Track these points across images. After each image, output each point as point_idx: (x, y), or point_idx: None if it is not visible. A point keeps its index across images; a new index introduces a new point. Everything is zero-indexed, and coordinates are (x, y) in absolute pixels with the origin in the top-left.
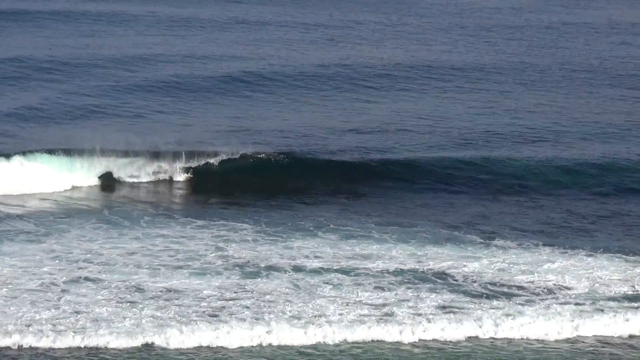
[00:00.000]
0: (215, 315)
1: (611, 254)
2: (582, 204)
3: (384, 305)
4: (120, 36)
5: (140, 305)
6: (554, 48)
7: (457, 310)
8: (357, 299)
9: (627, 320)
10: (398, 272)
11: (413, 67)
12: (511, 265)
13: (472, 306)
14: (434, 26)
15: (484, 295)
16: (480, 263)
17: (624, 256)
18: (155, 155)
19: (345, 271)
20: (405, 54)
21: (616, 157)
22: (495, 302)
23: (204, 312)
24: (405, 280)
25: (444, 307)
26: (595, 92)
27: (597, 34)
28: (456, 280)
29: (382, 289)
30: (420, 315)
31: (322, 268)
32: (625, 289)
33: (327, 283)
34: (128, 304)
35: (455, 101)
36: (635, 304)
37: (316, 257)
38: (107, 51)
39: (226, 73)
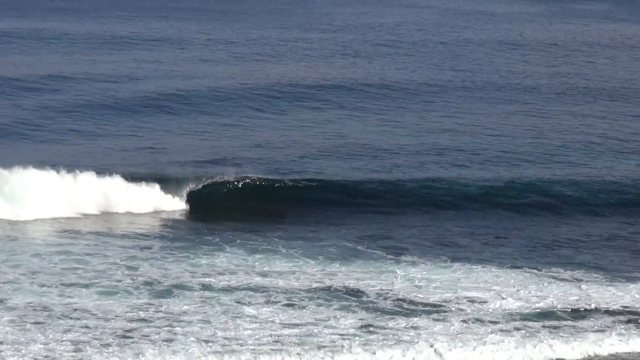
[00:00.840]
0: (127, 337)
1: (519, 269)
2: (489, 219)
3: (300, 325)
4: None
5: (48, 328)
6: (455, 64)
7: (379, 330)
8: (271, 319)
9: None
10: (310, 290)
11: (318, 85)
12: (424, 282)
13: (394, 325)
14: (337, 42)
15: (402, 313)
16: (392, 280)
17: (531, 270)
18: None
19: (255, 288)
20: (310, 71)
21: (522, 174)
22: (415, 320)
23: (114, 333)
24: (318, 298)
25: (364, 327)
26: (494, 107)
27: (499, 50)
28: (369, 297)
29: (296, 307)
30: (342, 336)
31: (231, 286)
32: (540, 305)
33: (239, 302)
34: (34, 325)
35: (359, 118)
36: (551, 322)
37: (225, 274)
38: (26, 70)
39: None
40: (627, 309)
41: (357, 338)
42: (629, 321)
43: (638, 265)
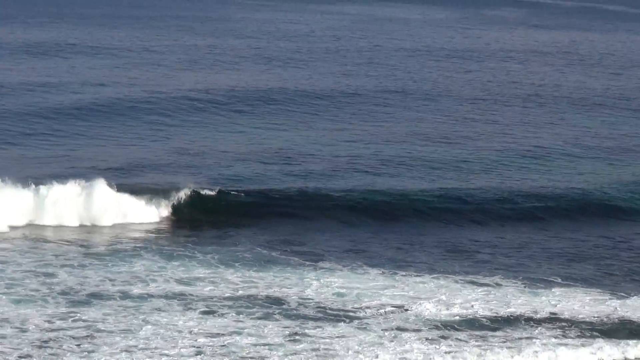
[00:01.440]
0: (44, 347)
1: (437, 275)
2: (403, 226)
3: (223, 334)
4: None
5: None
6: (369, 71)
7: (305, 339)
8: (192, 328)
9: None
10: (231, 298)
11: (232, 92)
12: (344, 289)
13: (319, 334)
14: (251, 49)
15: (326, 321)
16: (311, 287)
17: (450, 276)
18: None
19: (174, 296)
20: (224, 78)
21: (436, 180)
22: (340, 329)
23: (31, 343)
24: (239, 306)
25: (289, 336)
26: (408, 113)
27: (414, 56)
28: (291, 305)
29: (217, 315)
30: (268, 345)
31: (151, 294)
32: (462, 311)
33: (158, 310)
34: None
35: (274, 125)
36: (476, 331)
37: (144, 281)
38: None
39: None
40: (552, 316)
41: (282, 348)
42: (553, 329)
43: (553, 269)
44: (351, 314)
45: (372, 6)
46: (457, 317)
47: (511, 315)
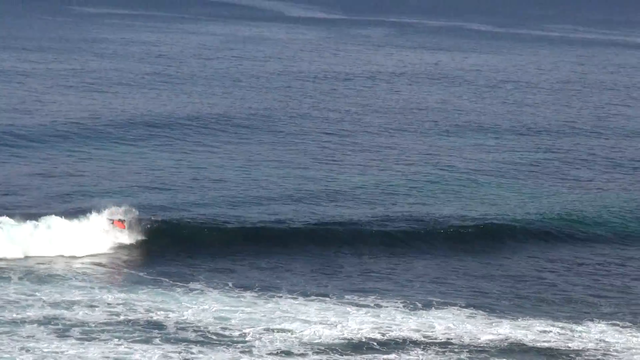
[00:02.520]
0: None
1: (319, 298)
2: (282, 247)
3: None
4: None
5: None
6: (231, 93)
7: None
8: (72, 355)
9: None
10: (108, 323)
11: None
12: (223, 312)
13: (202, 357)
14: (113, 71)
15: (207, 345)
16: (187, 310)
17: (328, 299)
18: None
19: (44, 322)
20: (81, 105)
21: (313, 207)
22: (222, 354)
23: None
24: (115, 330)
25: None
26: (274, 138)
27: (279, 78)
28: (169, 329)
29: (97, 341)
30: None
31: (24, 319)
32: (345, 334)
33: (29, 337)
34: None
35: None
36: (363, 354)
37: (17, 305)
38: None
39: None
40: (434, 340)
41: None
42: (444, 351)
43: (433, 291)
44: (233, 338)
45: (239, 25)
46: (342, 340)
47: (397, 338)
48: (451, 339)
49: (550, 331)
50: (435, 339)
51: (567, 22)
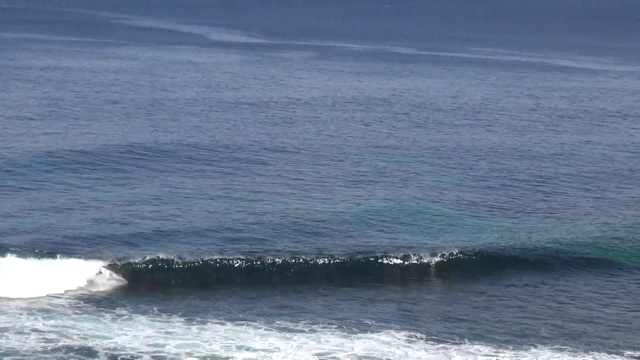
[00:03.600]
0: None
1: (247, 323)
2: (196, 274)
3: None
4: None
5: None
6: (166, 125)
7: None
8: None
9: None
10: (46, 350)
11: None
12: (156, 337)
13: None
14: (30, 98)
15: None
16: (121, 337)
17: (257, 324)
18: None
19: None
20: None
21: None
22: None
23: None
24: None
25: None
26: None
27: (199, 104)
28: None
29: None
30: None
31: None
32: None
33: None
34: None
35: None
36: None
37: None
38: None
39: None
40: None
41: None
42: None
43: (366, 312)
44: None
45: (162, 50)
46: None
47: None
48: None
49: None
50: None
51: (491, 45)
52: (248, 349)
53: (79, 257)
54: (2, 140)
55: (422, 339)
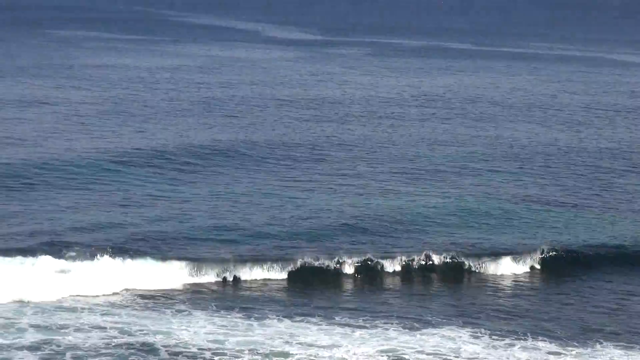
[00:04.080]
0: None
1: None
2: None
3: None
4: None
5: None
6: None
7: None
8: None
9: None
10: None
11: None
12: (216, 335)
13: None
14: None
15: None
16: (182, 331)
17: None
18: None
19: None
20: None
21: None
22: None
23: None
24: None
25: None
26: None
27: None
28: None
29: None
30: None
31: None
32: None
33: None
34: None
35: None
36: None
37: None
38: None
39: None
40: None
41: None
42: None
43: (427, 308)
44: None
45: (217, 48)
46: None
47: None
48: None
49: None
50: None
51: (549, 41)
52: (310, 345)
53: (139, 255)
54: (65, 139)
55: (486, 334)
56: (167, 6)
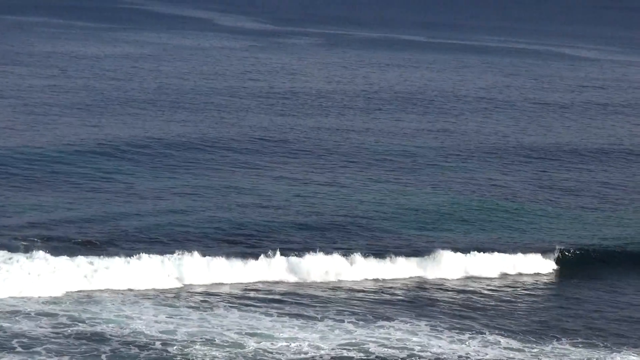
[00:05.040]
0: None
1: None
2: None
3: None
4: None
5: None
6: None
7: None
8: None
9: None
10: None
11: None
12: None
13: None
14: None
15: None
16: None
17: None
18: None
19: None
20: None
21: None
22: None
23: None
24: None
25: None
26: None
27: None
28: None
29: None
30: None
31: None
32: None
33: None
34: None
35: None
36: None
37: None
38: None
39: None
40: None
41: None
42: None
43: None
44: None
45: (169, 36)
46: None
47: None
48: None
49: None
50: None
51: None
52: (268, 337)
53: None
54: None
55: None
56: None
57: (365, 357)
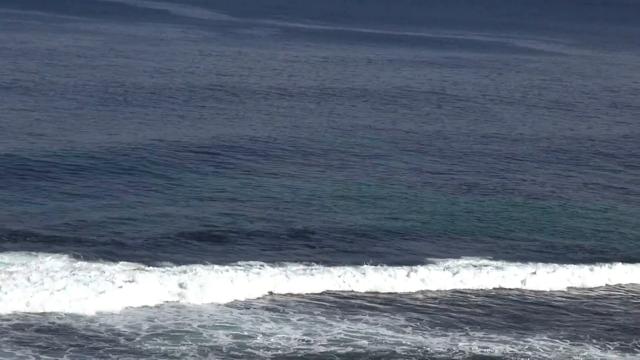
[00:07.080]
0: None
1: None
2: None
3: None
4: None
5: None
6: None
7: None
8: None
9: None
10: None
11: None
12: None
13: None
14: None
15: None
16: None
17: None
18: None
19: None
20: None
21: None
22: None
23: None
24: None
25: None
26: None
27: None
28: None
29: None
30: None
31: None
32: None
33: None
34: None
35: None
36: None
37: None
38: None
39: None
40: None
41: None
42: None
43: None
44: None
45: (123, 24)
46: None
47: None
48: None
49: None
50: None
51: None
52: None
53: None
54: None
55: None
56: None
57: None
